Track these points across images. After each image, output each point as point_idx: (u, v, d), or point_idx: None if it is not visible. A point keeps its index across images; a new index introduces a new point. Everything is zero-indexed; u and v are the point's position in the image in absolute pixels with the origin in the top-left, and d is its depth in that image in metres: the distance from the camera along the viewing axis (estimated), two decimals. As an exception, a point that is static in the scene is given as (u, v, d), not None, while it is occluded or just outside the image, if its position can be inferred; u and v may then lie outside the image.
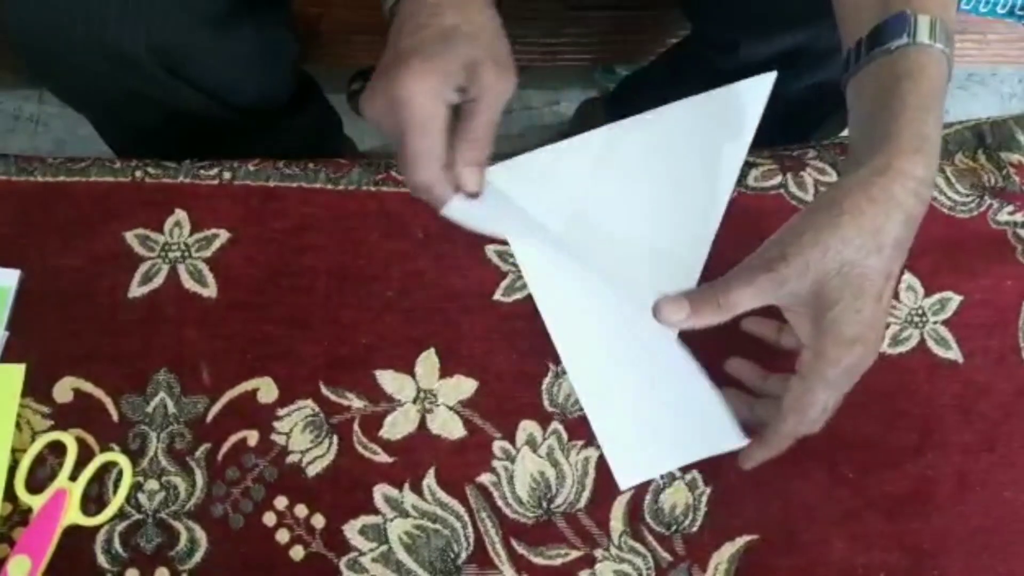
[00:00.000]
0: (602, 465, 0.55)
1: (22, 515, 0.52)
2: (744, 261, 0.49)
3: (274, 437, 0.55)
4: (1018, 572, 0.54)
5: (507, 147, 1.29)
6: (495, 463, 0.55)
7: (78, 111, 0.76)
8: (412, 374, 0.57)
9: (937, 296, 0.61)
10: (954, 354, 0.59)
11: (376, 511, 0.54)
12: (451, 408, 0.56)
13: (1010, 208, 0.63)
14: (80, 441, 0.54)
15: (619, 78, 1.17)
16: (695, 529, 0.54)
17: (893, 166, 0.46)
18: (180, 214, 0.60)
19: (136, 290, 0.58)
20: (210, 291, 0.58)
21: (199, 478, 0.54)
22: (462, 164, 0.50)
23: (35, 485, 0.52)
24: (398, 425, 0.56)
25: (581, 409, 0.57)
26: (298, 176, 0.61)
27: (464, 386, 0.57)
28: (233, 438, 0.55)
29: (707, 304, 0.49)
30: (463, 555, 0.53)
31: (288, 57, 0.76)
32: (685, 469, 0.55)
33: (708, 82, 0.58)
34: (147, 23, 0.61)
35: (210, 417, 0.55)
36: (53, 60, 0.64)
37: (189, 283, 0.58)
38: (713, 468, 0.55)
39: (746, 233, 0.62)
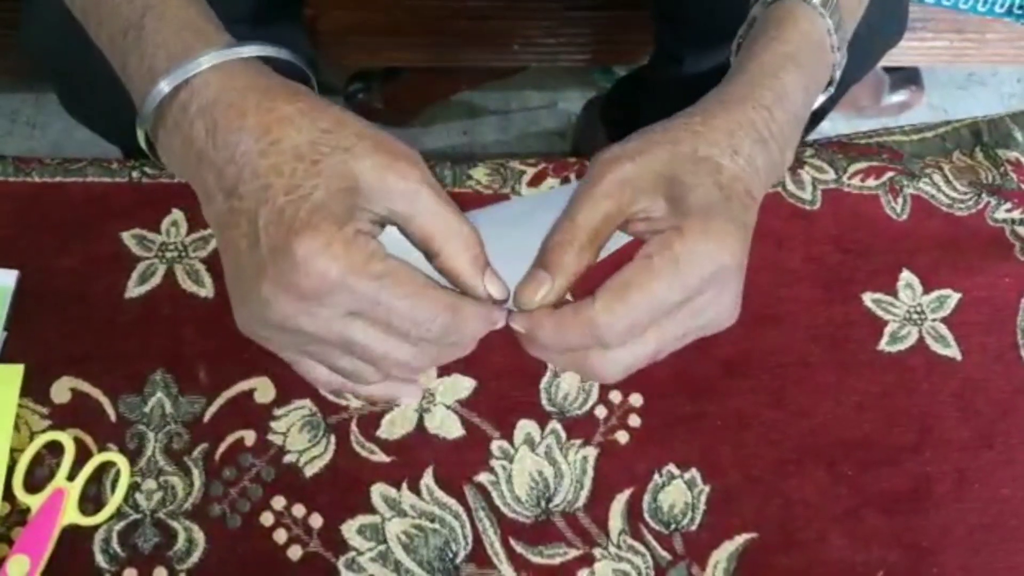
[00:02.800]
0: (601, 464, 0.55)
1: (21, 515, 0.52)
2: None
3: (271, 437, 0.55)
4: (1017, 568, 0.54)
5: (506, 148, 1.29)
6: (493, 462, 0.55)
7: (113, 144, 0.75)
8: (410, 373, 0.57)
9: (936, 293, 0.61)
10: (953, 351, 0.59)
11: (374, 510, 0.53)
12: (449, 407, 0.56)
13: (1008, 205, 0.63)
14: (78, 441, 0.53)
15: (616, 78, 1.17)
16: (694, 528, 0.54)
17: (740, 91, 0.42)
18: (177, 214, 0.60)
19: (133, 290, 0.58)
20: (207, 291, 0.58)
21: (196, 478, 0.54)
22: (484, 286, 0.38)
23: (33, 485, 0.52)
24: (396, 424, 0.55)
25: (580, 407, 0.56)
26: (296, 176, 0.61)
27: (462, 385, 0.57)
28: (230, 438, 0.54)
29: (564, 250, 0.38)
30: (461, 554, 0.53)
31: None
32: (684, 467, 0.55)
33: (668, 92, 0.55)
34: None
35: (207, 417, 0.55)
36: (84, 96, 0.63)
37: (186, 283, 0.58)
38: (712, 466, 0.55)
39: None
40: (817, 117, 0.76)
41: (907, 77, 1.27)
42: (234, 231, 0.37)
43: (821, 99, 0.49)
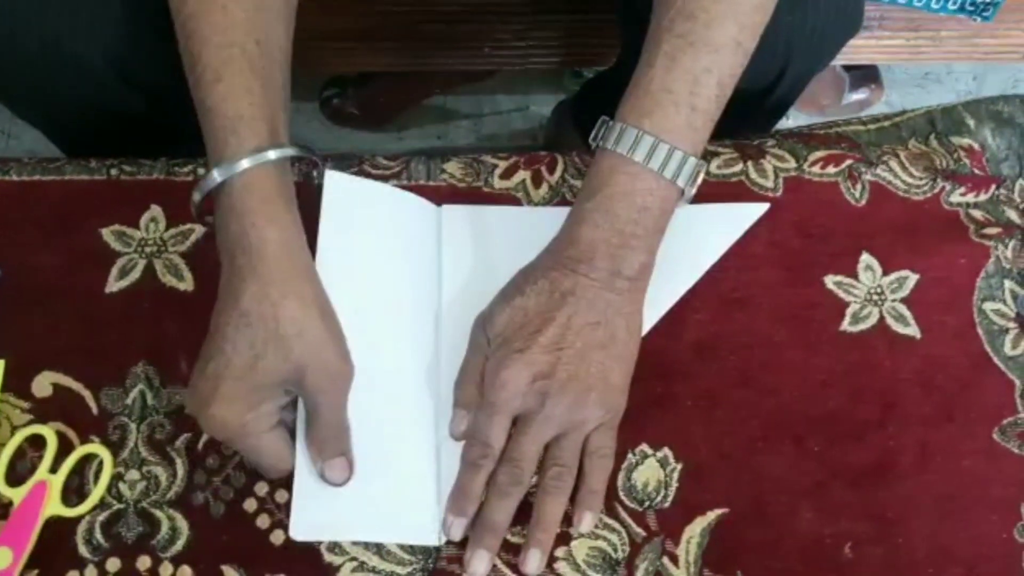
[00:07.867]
0: (576, 445, 0.56)
1: (3, 508, 0.52)
2: None
3: (253, 425, 0.55)
4: (979, 537, 0.55)
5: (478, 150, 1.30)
6: (471, 446, 0.56)
7: (24, 119, 0.75)
8: (388, 361, 0.58)
9: (895, 275, 0.63)
10: (912, 330, 0.61)
11: (355, 495, 0.54)
12: (427, 393, 0.57)
13: (962, 190, 0.66)
14: (60, 434, 0.54)
15: (585, 80, 1.19)
16: (667, 504, 0.55)
17: (555, 254, 0.54)
18: (155, 210, 0.61)
19: (114, 285, 0.59)
20: (186, 285, 0.59)
21: (180, 467, 0.54)
22: (321, 463, 0.52)
23: (16, 479, 0.53)
24: (375, 411, 0.56)
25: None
26: (272, 172, 0.62)
27: (439, 372, 0.58)
28: (213, 427, 0.55)
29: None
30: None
31: None
32: (656, 446, 0.57)
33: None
34: (104, 33, 0.60)
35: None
36: (4, 69, 0.64)
37: (166, 277, 0.59)
38: (683, 444, 0.57)
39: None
40: (778, 111, 0.78)
41: (867, 75, 1.30)
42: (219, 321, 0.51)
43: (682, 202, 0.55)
